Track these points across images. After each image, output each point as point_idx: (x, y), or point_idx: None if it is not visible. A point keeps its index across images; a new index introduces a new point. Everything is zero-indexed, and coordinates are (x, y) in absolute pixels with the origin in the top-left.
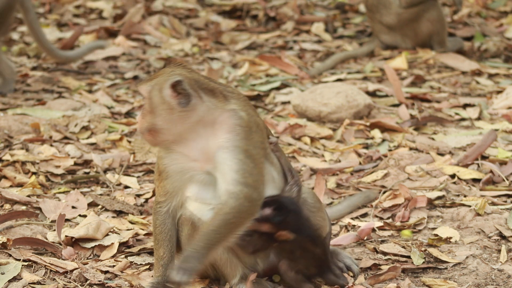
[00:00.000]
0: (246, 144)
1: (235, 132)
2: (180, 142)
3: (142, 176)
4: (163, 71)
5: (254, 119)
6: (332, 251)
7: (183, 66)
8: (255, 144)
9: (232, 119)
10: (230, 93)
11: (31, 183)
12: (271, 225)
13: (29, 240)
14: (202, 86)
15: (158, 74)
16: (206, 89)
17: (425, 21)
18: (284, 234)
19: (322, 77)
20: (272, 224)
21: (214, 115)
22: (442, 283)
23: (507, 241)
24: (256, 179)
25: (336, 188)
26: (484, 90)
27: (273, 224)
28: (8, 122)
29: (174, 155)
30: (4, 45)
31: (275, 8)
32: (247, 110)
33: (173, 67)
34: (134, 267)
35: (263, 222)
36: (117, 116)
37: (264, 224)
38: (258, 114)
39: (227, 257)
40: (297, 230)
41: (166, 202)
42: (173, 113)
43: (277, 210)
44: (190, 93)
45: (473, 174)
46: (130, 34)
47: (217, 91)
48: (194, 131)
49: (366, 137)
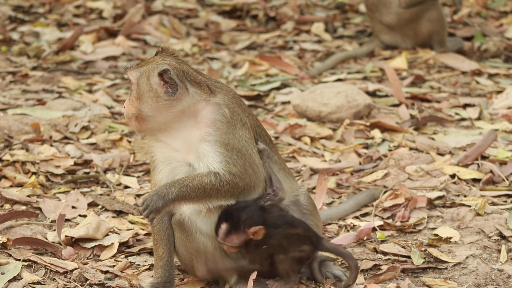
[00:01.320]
0: (227, 138)
1: (216, 126)
2: (164, 131)
3: (142, 176)
4: (153, 59)
5: (240, 117)
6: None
7: (174, 56)
8: (240, 138)
9: (214, 113)
10: (218, 88)
11: (31, 183)
12: (236, 234)
13: (29, 240)
14: (189, 78)
15: (148, 62)
16: (193, 81)
17: (425, 21)
18: (255, 231)
19: (322, 77)
20: (236, 233)
21: (198, 107)
22: (442, 283)
23: (507, 241)
24: (240, 170)
25: (336, 188)
26: (484, 90)
27: (237, 232)
28: (8, 122)
29: (160, 144)
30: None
31: (275, 8)
32: (233, 107)
33: (163, 56)
34: (134, 267)
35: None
36: (117, 116)
37: (234, 237)
38: (248, 114)
39: (221, 257)
40: (264, 221)
41: None
42: (159, 101)
43: (229, 220)
44: (176, 82)
45: (473, 174)
46: (130, 34)
47: (203, 84)
48: (178, 121)
49: (366, 137)
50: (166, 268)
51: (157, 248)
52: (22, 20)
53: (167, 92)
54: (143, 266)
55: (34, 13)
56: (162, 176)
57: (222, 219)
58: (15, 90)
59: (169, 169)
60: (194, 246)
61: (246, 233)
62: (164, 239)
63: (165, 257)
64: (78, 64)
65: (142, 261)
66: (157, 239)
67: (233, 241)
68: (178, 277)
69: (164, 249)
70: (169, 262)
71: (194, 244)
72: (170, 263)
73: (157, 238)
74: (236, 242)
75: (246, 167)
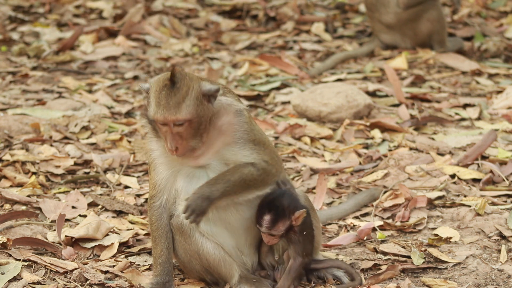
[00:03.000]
0: (252, 135)
1: (242, 128)
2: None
3: (142, 176)
4: (185, 82)
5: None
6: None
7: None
8: (259, 131)
9: (237, 116)
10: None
11: (31, 183)
12: (282, 221)
13: (29, 240)
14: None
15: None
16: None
17: (425, 21)
18: (299, 215)
19: (322, 77)
20: (282, 220)
21: (220, 113)
22: (442, 283)
23: (507, 241)
24: (270, 157)
25: (336, 188)
26: (484, 90)
27: (283, 219)
28: (8, 122)
29: (162, 145)
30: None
31: (275, 8)
32: (242, 104)
33: (188, 74)
34: (134, 267)
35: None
36: (117, 116)
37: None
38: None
39: (220, 257)
40: (300, 205)
41: (158, 196)
42: (209, 119)
43: (273, 209)
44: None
45: (473, 174)
46: (130, 34)
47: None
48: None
49: (366, 137)
50: (165, 265)
51: (155, 245)
52: (22, 20)
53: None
54: (143, 266)
55: (34, 13)
56: (163, 177)
57: (265, 209)
58: (15, 90)
59: (171, 172)
60: (194, 248)
61: (291, 219)
62: (162, 236)
63: (164, 255)
64: (78, 64)
65: (142, 261)
66: (156, 236)
67: (280, 228)
68: (178, 277)
69: (163, 246)
70: (168, 260)
71: (193, 247)
72: (169, 260)
73: (155, 235)
74: (282, 230)
75: (272, 154)
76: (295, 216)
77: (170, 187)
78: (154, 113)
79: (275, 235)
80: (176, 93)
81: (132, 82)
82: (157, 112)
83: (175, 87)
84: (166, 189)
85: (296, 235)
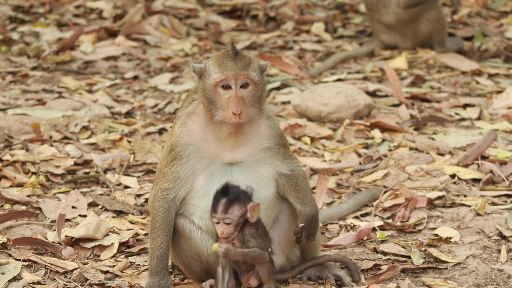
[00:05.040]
0: (283, 139)
1: (277, 133)
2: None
3: (142, 176)
4: (244, 54)
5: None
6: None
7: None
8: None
9: (269, 126)
10: None
11: (31, 183)
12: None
13: (29, 240)
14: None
15: (245, 57)
16: None
17: (425, 21)
18: (254, 205)
19: (322, 77)
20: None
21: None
22: (442, 283)
23: (507, 241)
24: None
25: (336, 188)
26: (484, 90)
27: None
28: (8, 122)
29: (196, 141)
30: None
31: (275, 8)
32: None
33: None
34: (134, 267)
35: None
36: (117, 116)
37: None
38: None
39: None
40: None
41: (174, 189)
42: (263, 92)
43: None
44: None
45: (473, 174)
46: (130, 34)
47: None
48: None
49: (366, 137)
50: (161, 259)
51: (155, 237)
52: (22, 20)
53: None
54: (143, 266)
55: (34, 13)
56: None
57: (220, 195)
58: (15, 90)
59: (200, 166)
60: (194, 250)
61: (246, 208)
62: (166, 229)
63: (163, 247)
64: (78, 64)
65: (142, 261)
66: (158, 228)
67: (235, 212)
68: (178, 277)
69: (164, 239)
70: (166, 253)
71: (193, 249)
72: (167, 254)
73: (158, 226)
74: (237, 215)
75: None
76: (251, 206)
77: (191, 181)
78: (221, 73)
79: (230, 223)
80: (241, 58)
81: (132, 82)
82: (225, 70)
83: (238, 55)
84: (187, 183)
85: (252, 228)
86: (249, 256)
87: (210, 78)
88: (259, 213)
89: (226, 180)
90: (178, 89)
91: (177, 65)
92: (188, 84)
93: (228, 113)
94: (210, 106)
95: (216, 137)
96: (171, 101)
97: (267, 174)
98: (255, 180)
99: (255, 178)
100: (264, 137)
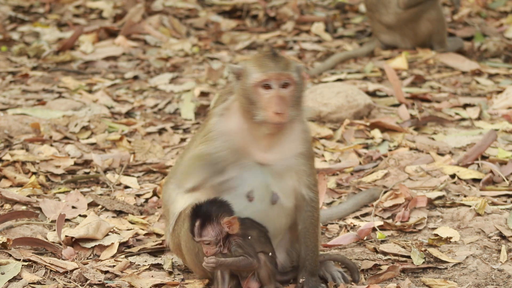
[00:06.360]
0: (311, 150)
1: (309, 143)
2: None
3: (142, 176)
4: (283, 56)
5: None
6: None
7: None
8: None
9: (304, 130)
10: None
11: (31, 183)
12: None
13: (29, 240)
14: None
15: (282, 59)
16: None
17: (425, 21)
18: (228, 220)
19: (322, 77)
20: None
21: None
22: (442, 283)
23: (507, 241)
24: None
25: (336, 188)
26: (484, 90)
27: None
28: (8, 122)
29: (230, 132)
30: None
31: (275, 8)
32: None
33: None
34: (134, 267)
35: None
36: (117, 116)
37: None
38: None
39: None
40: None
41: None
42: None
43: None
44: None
45: (473, 174)
46: (130, 34)
47: None
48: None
49: (366, 137)
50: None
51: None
52: (22, 20)
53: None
54: (143, 266)
55: (34, 13)
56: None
57: (194, 216)
58: (15, 90)
59: (231, 162)
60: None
61: (220, 224)
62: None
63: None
64: (78, 64)
65: (142, 261)
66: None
67: (210, 233)
68: (178, 277)
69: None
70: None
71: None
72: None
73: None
74: (212, 235)
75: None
76: (225, 221)
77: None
78: (263, 73)
79: (209, 243)
80: (281, 59)
81: (132, 82)
82: (267, 71)
83: (278, 56)
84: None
85: (239, 238)
86: (238, 264)
87: (251, 78)
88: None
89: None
90: (178, 89)
91: (177, 65)
92: (188, 84)
93: (269, 112)
94: (250, 107)
95: (251, 135)
96: (171, 101)
97: (291, 184)
98: (281, 187)
99: (281, 185)
100: (297, 141)
